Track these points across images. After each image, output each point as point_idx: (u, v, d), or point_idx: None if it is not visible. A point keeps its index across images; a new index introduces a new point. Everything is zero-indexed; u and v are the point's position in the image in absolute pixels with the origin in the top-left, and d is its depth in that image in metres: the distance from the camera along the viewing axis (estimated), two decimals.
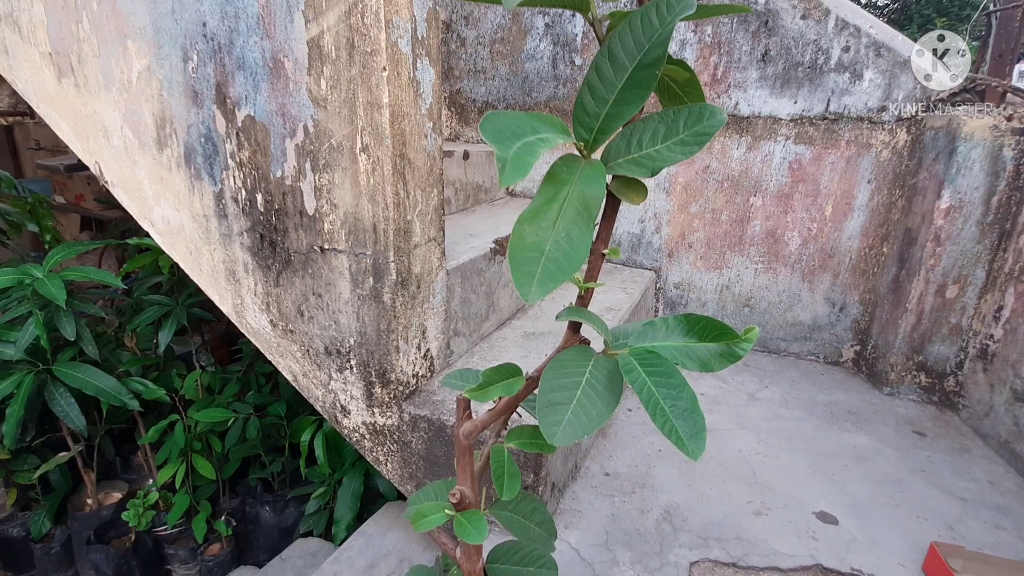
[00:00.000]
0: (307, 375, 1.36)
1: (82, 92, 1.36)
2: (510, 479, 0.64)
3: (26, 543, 2.05)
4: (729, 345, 0.45)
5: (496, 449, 0.66)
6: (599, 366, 0.47)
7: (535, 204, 0.39)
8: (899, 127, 1.84)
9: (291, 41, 1.05)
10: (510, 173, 0.35)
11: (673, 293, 2.31)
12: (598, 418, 0.43)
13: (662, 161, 0.41)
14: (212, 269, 1.37)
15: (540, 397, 0.44)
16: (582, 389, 0.44)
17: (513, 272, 0.37)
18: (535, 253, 0.38)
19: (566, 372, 0.46)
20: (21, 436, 1.79)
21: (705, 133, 0.40)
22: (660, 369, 0.44)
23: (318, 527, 1.91)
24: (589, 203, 0.39)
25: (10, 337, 1.64)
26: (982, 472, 1.54)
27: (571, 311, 0.50)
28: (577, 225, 0.38)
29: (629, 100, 0.42)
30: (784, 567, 1.18)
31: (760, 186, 2.06)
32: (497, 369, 0.56)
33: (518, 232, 0.38)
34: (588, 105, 0.43)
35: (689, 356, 0.46)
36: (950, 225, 1.72)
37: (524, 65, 2.36)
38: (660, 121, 0.42)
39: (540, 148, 0.38)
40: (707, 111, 0.40)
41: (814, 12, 1.85)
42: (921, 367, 1.88)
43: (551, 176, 0.41)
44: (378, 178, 1.07)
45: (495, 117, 0.38)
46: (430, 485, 0.72)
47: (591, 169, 0.41)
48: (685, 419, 0.42)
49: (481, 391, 0.55)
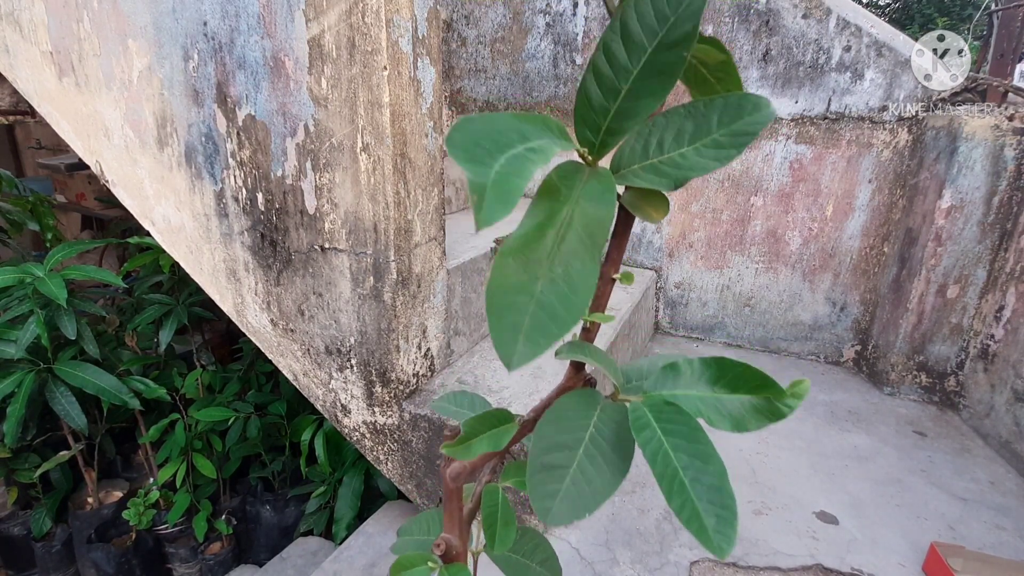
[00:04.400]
0: (308, 374, 1.36)
1: (83, 91, 1.36)
2: (503, 528, 0.54)
3: (27, 541, 2.05)
4: (770, 400, 0.36)
5: (489, 490, 0.56)
6: (606, 418, 0.38)
7: (523, 229, 0.29)
8: (900, 127, 1.84)
9: (292, 40, 1.05)
10: (491, 206, 0.25)
11: (674, 293, 2.31)
12: (602, 490, 0.34)
13: (689, 169, 0.32)
14: (213, 268, 1.37)
15: (532, 458, 0.36)
16: (584, 449, 0.36)
17: (492, 324, 0.27)
18: (522, 297, 0.28)
19: (565, 425, 0.37)
20: (22, 435, 1.79)
21: (746, 132, 0.30)
22: (681, 428, 0.35)
23: (318, 526, 1.91)
24: (595, 227, 0.29)
25: (11, 336, 1.64)
26: (983, 472, 1.54)
27: (573, 347, 0.40)
28: (579, 257, 0.29)
29: (647, 91, 0.32)
30: (784, 567, 1.18)
31: (761, 186, 2.06)
32: (483, 417, 0.46)
33: (499, 269, 0.28)
34: (594, 98, 0.33)
35: (719, 411, 0.37)
36: (951, 225, 1.72)
37: (525, 64, 2.36)
38: (687, 116, 0.32)
39: (532, 164, 0.28)
40: (748, 103, 0.31)
41: (815, 11, 1.85)
42: (922, 367, 1.88)
43: (545, 191, 0.31)
44: (379, 177, 1.07)
45: (468, 125, 0.28)
46: (422, 515, 0.64)
47: (598, 181, 0.31)
48: (712, 501, 0.32)
49: (463, 446, 0.45)
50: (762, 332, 2.21)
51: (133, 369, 1.99)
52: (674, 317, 2.35)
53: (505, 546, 0.54)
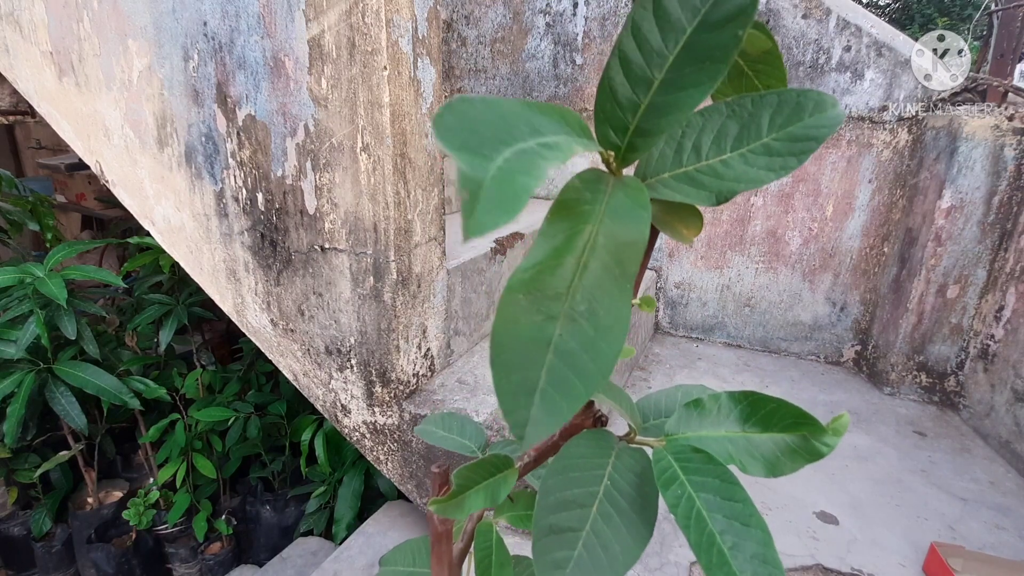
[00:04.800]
0: (308, 374, 1.36)
1: (83, 91, 1.36)
2: (499, 571, 0.49)
3: (27, 541, 2.05)
4: (807, 439, 0.32)
5: (483, 529, 0.51)
6: (623, 467, 0.32)
7: (535, 257, 0.23)
8: (900, 127, 1.84)
9: (292, 40, 1.05)
10: (488, 208, 0.18)
11: (674, 293, 2.31)
12: (622, 559, 0.29)
13: (735, 181, 0.26)
14: (213, 268, 1.37)
15: (538, 517, 0.30)
16: (598, 506, 0.30)
17: (497, 383, 0.22)
18: (536, 347, 0.22)
19: (575, 478, 0.31)
20: (22, 435, 1.80)
21: (808, 137, 0.25)
22: (713, 481, 0.29)
23: (318, 526, 1.91)
24: (624, 252, 0.23)
25: (11, 336, 1.64)
26: (983, 472, 1.54)
27: None
28: (606, 291, 0.22)
29: (688, 82, 0.25)
30: (784, 567, 1.18)
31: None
32: (477, 466, 0.39)
33: (507, 308, 0.22)
34: (620, 91, 0.26)
35: (751, 453, 0.32)
36: (951, 225, 1.72)
37: (525, 64, 2.36)
38: (730, 115, 0.27)
39: (544, 161, 0.21)
40: (810, 100, 0.25)
41: (815, 11, 1.85)
42: (922, 367, 1.88)
43: (562, 207, 0.24)
44: (379, 177, 1.07)
45: (464, 106, 0.21)
46: (406, 544, 0.59)
47: (626, 194, 0.25)
48: (757, 573, 0.26)
49: (453, 502, 0.37)
50: (762, 332, 2.21)
51: (133, 369, 1.99)
52: (674, 317, 2.35)
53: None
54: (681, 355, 2.19)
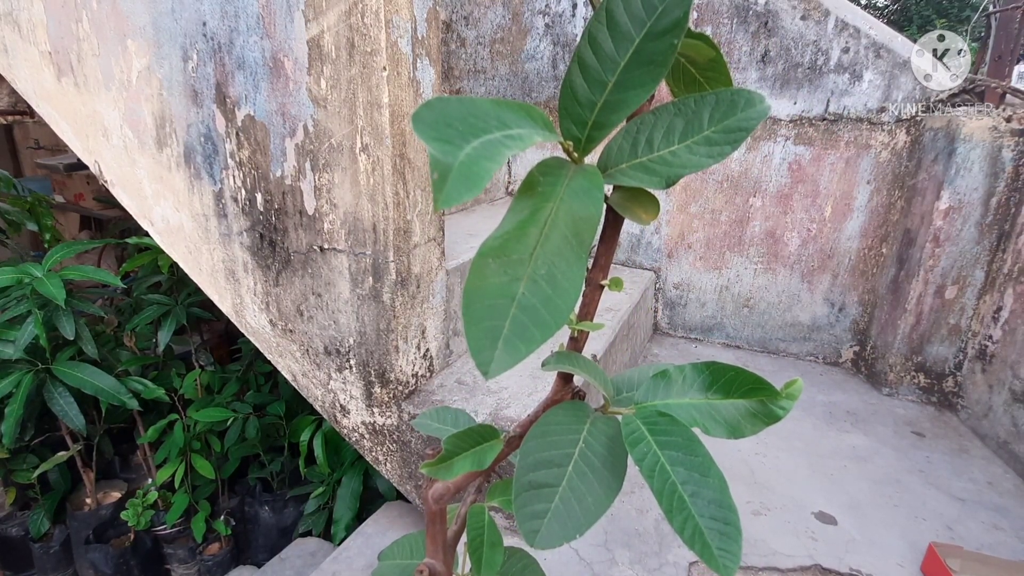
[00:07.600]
0: (306, 375, 1.36)
1: (82, 91, 1.36)
2: (490, 551, 0.51)
3: (25, 542, 2.05)
4: (764, 403, 0.35)
5: (475, 511, 0.53)
6: (597, 432, 0.36)
7: (504, 228, 0.28)
8: (898, 128, 1.85)
9: (291, 40, 1.05)
10: (454, 186, 0.23)
11: (673, 293, 2.32)
12: (594, 509, 0.33)
13: (680, 167, 0.30)
14: (211, 268, 1.37)
15: (518, 476, 0.34)
16: (573, 466, 0.34)
17: (468, 330, 0.26)
18: (502, 300, 0.26)
19: (553, 441, 0.35)
20: (20, 435, 1.80)
21: (740, 128, 0.29)
22: (676, 440, 0.34)
23: (317, 527, 1.91)
24: (581, 225, 0.28)
25: (9, 336, 1.64)
26: (980, 473, 1.54)
27: (560, 358, 0.38)
28: (564, 258, 0.27)
29: (635, 83, 0.30)
30: (783, 567, 1.18)
31: (760, 186, 2.06)
32: (465, 434, 0.43)
33: (478, 270, 0.26)
34: (579, 90, 0.32)
35: (713, 418, 0.36)
36: (949, 226, 1.72)
37: (524, 65, 2.36)
38: (677, 113, 0.31)
39: (506, 149, 0.26)
40: (741, 98, 0.29)
41: (814, 13, 1.85)
42: (920, 368, 1.88)
43: (527, 188, 0.29)
44: (378, 178, 1.07)
45: (441, 105, 0.25)
46: (404, 538, 0.61)
47: (584, 178, 0.29)
48: (714, 517, 0.31)
49: (443, 465, 0.42)
50: (761, 333, 2.22)
51: (131, 369, 1.99)
52: (673, 318, 2.35)
53: (492, 571, 0.51)
54: (680, 356, 2.19)
